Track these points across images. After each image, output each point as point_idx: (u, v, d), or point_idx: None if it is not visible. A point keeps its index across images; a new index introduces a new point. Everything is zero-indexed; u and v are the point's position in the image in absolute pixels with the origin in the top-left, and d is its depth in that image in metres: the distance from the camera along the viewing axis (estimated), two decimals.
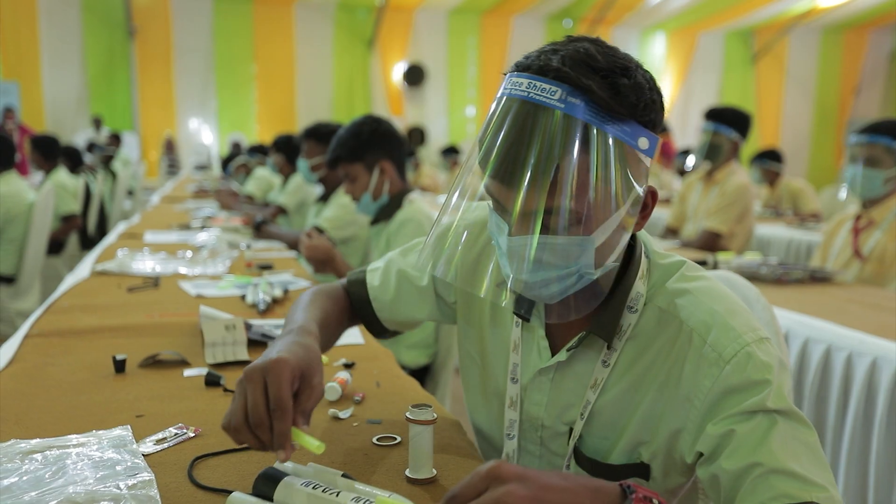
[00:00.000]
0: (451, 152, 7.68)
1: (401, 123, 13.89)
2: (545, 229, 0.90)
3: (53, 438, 1.09)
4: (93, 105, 13.05)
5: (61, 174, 5.29)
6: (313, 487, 0.87)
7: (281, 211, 4.59)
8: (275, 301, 2.04)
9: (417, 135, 14.97)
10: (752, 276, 2.64)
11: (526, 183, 0.87)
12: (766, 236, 4.73)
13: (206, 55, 13.70)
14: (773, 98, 16.73)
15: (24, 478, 0.96)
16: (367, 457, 1.08)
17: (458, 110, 15.95)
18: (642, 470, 1.02)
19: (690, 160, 4.00)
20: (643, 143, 0.90)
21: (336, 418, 1.22)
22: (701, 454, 0.93)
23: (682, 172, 7.43)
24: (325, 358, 1.52)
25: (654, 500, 0.75)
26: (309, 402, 0.93)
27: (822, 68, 16.84)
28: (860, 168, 2.80)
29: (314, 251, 2.46)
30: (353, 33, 14.47)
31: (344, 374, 1.35)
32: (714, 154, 3.93)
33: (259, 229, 3.49)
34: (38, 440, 1.08)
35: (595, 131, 0.86)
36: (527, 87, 0.89)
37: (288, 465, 0.94)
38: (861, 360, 1.77)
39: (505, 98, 0.91)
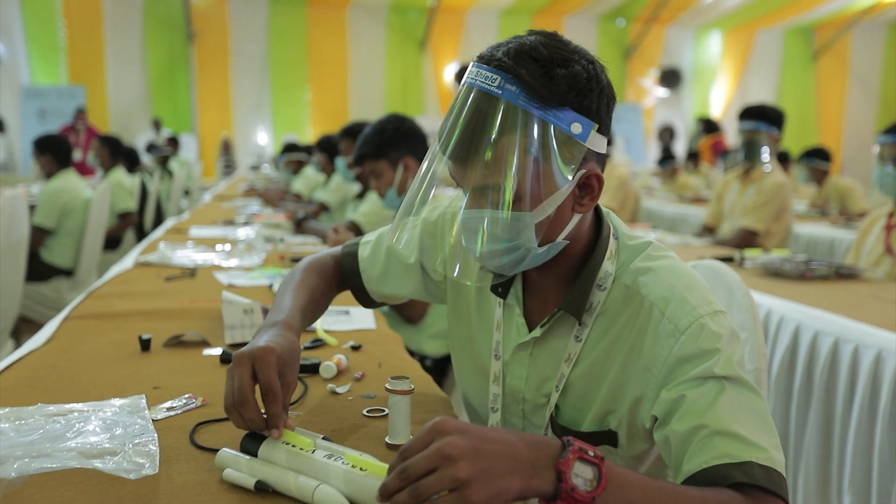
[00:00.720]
0: None
1: None
2: (488, 205, 0.98)
3: (75, 404, 1.20)
4: (154, 107, 13.50)
5: (119, 173, 5.53)
6: (292, 445, 0.96)
7: (323, 208, 4.72)
8: None
9: None
10: (776, 273, 2.65)
11: (469, 161, 0.97)
12: (808, 235, 4.67)
13: (262, 58, 14.04)
14: (835, 97, 16.29)
15: (46, 435, 1.07)
16: (355, 425, 1.17)
17: None
18: (611, 437, 1.08)
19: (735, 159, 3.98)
20: (576, 127, 0.96)
21: (333, 392, 1.31)
22: (656, 418, 1.00)
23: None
24: (333, 340, 1.62)
25: (590, 452, 0.81)
26: (286, 397, 1.02)
27: (887, 66, 16.32)
28: (889, 167, 2.78)
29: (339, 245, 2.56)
30: (406, 34, 14.63)
31: (340, 356, 1.44)
32: (753, 152, 3.90)
33: (300, 225, 3.62)
34: (61, 405, 1.20)
35: (527, 115, 0.95)
36: (476, 76, 0.98)
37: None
38: (867, 353, 1.78)
39: (463, 85, 1.00)
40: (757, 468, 0.89)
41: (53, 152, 4.38)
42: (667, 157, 8.13)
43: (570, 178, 0.99)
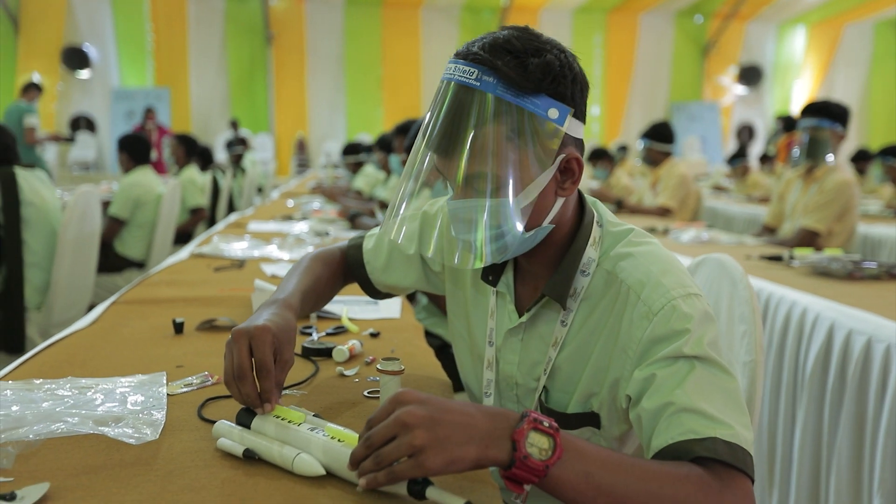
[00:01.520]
0: None
1: None
2: (474, 194, 1.03)
3: (101, 378, 1.30)
4: (233, 108, 13.96)
5: (191, 170, 5.78)
6: (281, 419, 1.03)
7: (383, 205, 4.82)
8: None
9: None
10: (824, 272, 2.59)
11: (452, 153, 1.02)
12: (878, 237, 4.50)
13: (337, 58, 14.34)
14: None
15: (68, 404, 1.17)
16: (353, 404, 1.23)
17: None
18: (594, 418, 1.12)
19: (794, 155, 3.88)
20: (553, 113, 1.01)
21: (342, 375, 1.38)
22: (630, 398, 1.02)
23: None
24: (354, 327, 1.69)
25: (545, 423, 0.85)
26: (281, 374, 1.09)
27: None
28: None
29: None
30: (478, 34, 14.57)
31: (355, 342, 1.50)
32: (816, 150, 3.79)
33: (353, 221, 3.73)
34: (89, 378, 1.30)
35: (505, 104, 0.99)
36: (454, 71, 1.03)
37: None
38: None
39: (442, 81, 1.05)
40: (720, 444, 0.91)
41: (129, 150, 4.63)
42: (737, 155, 7.92)
43: (550, 162, 1.02)
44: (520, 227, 1.03)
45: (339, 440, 0.96)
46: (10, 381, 1.28)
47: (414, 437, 0.82)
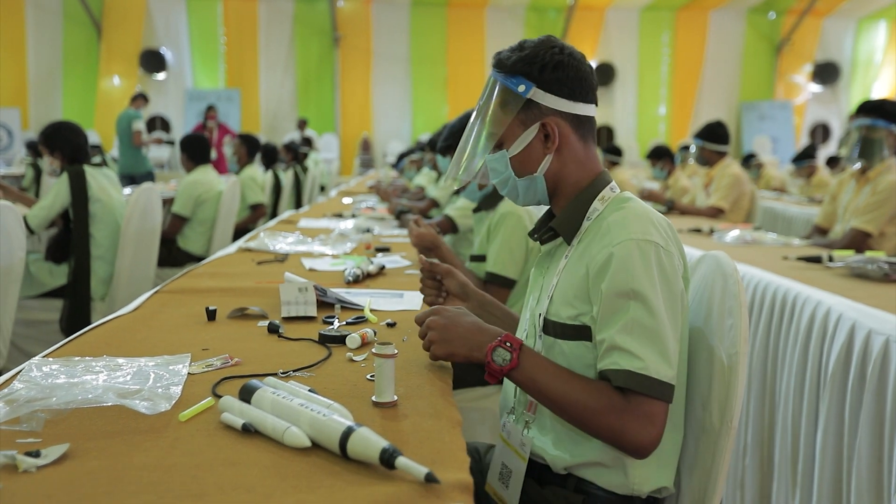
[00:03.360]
0: (609, 152, 7.61)
1: None
2: (489, 148, 1.41)
3: (133, 358, 1.43)
4: (300, 109, 14.30)
5: (252, 169, 5.99)
6: (276, 395, 1.13)
7: (435, 204, 4.92)
8: (368, 275, 2.34)
9: (604, 134, 14.88)
10: (860, 274, 2.56)
11: (475, 121, 1.44)
12: None
13: (403, 59, 14.53)
14: None
15: (98, 378, 1.30)
16: (355, 386, 1.32)
17: (649, 109, 15.63)
18: (586, 332, 1.31)
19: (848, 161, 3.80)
20: (521, 87, 1.36)
21: (351, 360, 1.47)
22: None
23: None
24: (374, 318, 1.78)
25: (509, 343, 1.28)
26: (438, 265, 1.67)
27: None
28: None
29: (421, 239, 2.67)
30: (543, 33, 14.54)
31: (369, 330, 1.59)
32: (869, 150, 3.71)
33: (399, 217, 3.83)
34: (122, 357, 1.43)
35: (498, 84, 1.39)
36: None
37: (272, 380, 1.21)
38: None
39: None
40: (632, 375, 1.20)
41: (188, 151, 4.85)
42: (804, 155, 7.73)
43: (530, 123, 1.37)
44: (513, 173, 1.40)
45: (323, 415, 1.05)
46: (51, 359, 1.42)
47: (432, 335, 1.35)
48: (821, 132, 15.32)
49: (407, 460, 0.94)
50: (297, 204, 7.69)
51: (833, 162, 8.96)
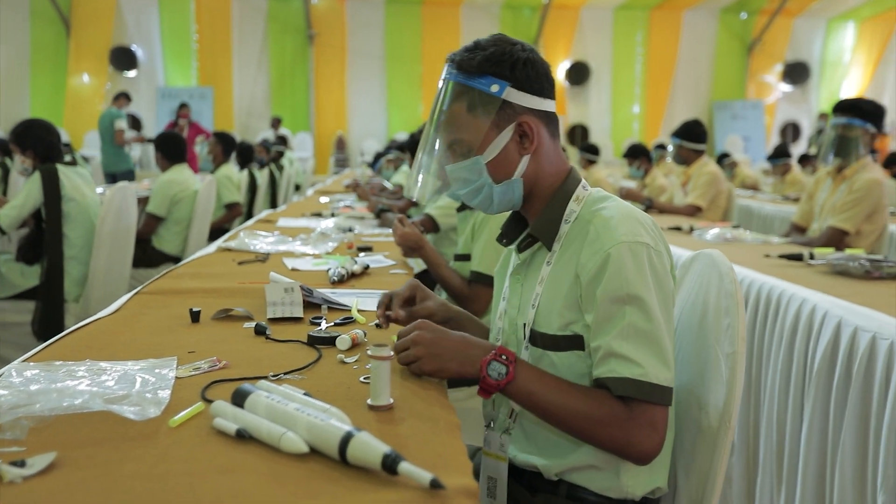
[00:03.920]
0: (586, 150, 7.66)
1: (562, 122, 13.95)
2: (455, 156, 1.35)
3: (117, 361, 1.39)
4: (274, 107, 14.18)
5: (228, 167, 5.92)
6: (271, 399, 1.10)
7: (413, 203, 4.89)
8: (353, 275, 2.30)
9: (579, 133, 14.94)
10: (842, 271, 2.58)
11: (440, 130, 1.36)
12: None
13: (378, 57, 14.47)
14: None
15: (82, 383, 1.25)
16: (349, 389, 1.29)
17: (623, 108, 15.72)
18: (578, 341, 1.29)
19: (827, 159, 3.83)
20: (494, 87, 1.31)
21: (342, 362, 1.44)
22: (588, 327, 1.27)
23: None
24: (362, 318, 1.75)
25: (504, 356, 1.23)
26: (408, 302, 1.56)
27: None
28: None
29: (405, 238, 2.63)
30: (518, 32, 14.64)
31: (359, 331, 1.57)
32: (845, 149, 3.74)
33: (380, 216, 3.80)
34: (105, 361, 1.39)
35: (460, 86, 1.33)
36: (443, 74, 1.38)
37: (265, 384, 1.17)
38: None
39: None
40: (630, 382, 1.18)
41: (163, 150, 4.77)
42: (779, 153, 7.81)
43: (505, 125, 1.31)
44: (490, 179, 1.33)
45: (321, 420, 1.02)
46: (31, 363, 1.37)
47: (419, 350, 1.29)
48: (791, 131, 15.51)
49: (410, 466, 0.92)
50: (273, 203, 7.61)
51: (805, 160, 9.07)
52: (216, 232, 5.44)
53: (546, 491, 1.35)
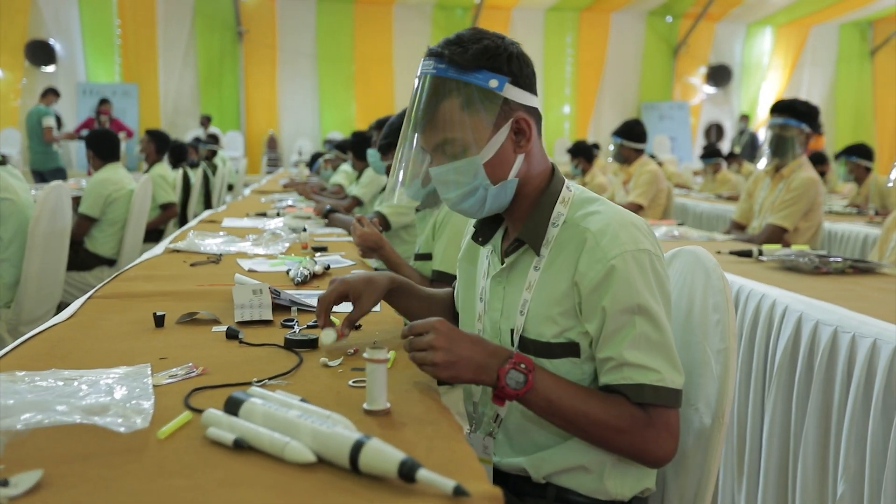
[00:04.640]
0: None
1: None
2: (445, 158, 1.27)
3: (85, 370, 1.31)
4: (203, 105, 13.82)
5: (162, 167, 5.73)
6: (268, 407, 1.04)
7: (358, 202, 4.83)
8: (315, 276, 2.25)
9: None
10: (792, 267, 2.66)
11: (426, 128, 1.27)
12: (842, 233, 4.61)
13: (309, 56, 14.26)
14: (893, 93, 15.78)
15: (55, 394, 1.17)
16: (339, 394, 1.25)
17: (554, 109, 15.91)
18: (574, 348, 1.26)
19: (762, 162, 3.95)
20: (493, 83, 1.23)
21: (325, 366, 1.39)
22: (589, 336, 1.24)
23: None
24: (335, 320, 1.70)
25: (523, 364, 1.19)
26: (353, 314, 1.48)
27: None
28: None
29: (364, 239, 2.58)
30: (450, 31, 14.60)
31: (341, 329, 1.52)
32: (782, 149, 3.86)
33: (328, 217, 3.73)
34: (73, 370, 1.30)
35: (454, 82, 1.23)
36: (422, 67, 1.28)
37: (257, 390, 1.12)
38: (863, 342, 1.79)
39: (415, 77, 1.30)
40: (648, 389, 1.18)
41: (95, 148, 4.57)
42: (711, 153, 8.03)
43: (502, 123, 1.25)
44: (488, 180, 1.26)
45: (325, 428, 0.98)
46: None
47: (435, 355, 1.19)
48: (715, 131, 15.98)
49: (429, 473, 0.88)
50: (207, 204, 7.41)
51: (731, 159, 9.36)
52: (150, 233, 5.26)
53: (535, 495, 1.33)
